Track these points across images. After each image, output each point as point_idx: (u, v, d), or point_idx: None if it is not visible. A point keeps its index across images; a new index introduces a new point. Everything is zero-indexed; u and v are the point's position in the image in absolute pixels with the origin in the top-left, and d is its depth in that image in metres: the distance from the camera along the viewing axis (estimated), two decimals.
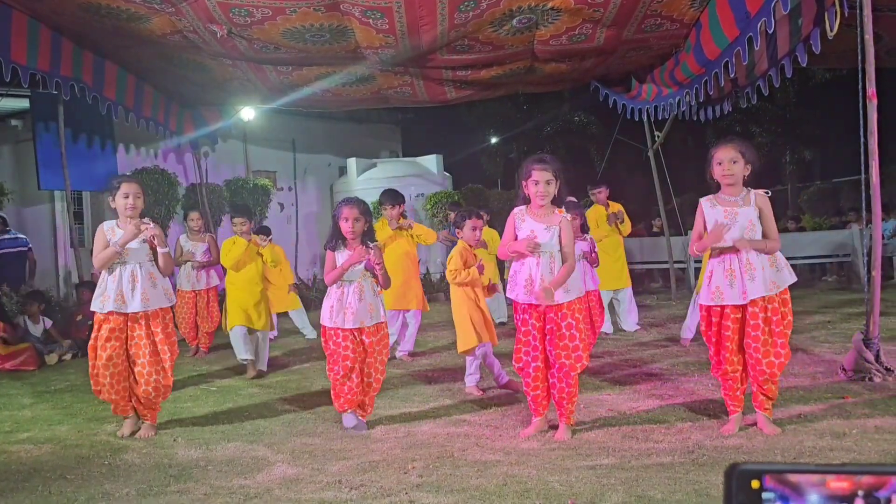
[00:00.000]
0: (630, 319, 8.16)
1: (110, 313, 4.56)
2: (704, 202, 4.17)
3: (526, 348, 4.25)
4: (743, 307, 4.03)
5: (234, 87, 9.09)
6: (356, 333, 4.55)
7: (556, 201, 4.25)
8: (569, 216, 4.33)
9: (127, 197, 4.65)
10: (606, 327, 7.91)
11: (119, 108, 8.45)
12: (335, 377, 4.55)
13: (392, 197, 6.99)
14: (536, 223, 4.19)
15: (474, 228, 5.46)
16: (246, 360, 6.56)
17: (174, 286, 7.74)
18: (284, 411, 5.20)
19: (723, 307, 4.06)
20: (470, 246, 5.49)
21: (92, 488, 3.65)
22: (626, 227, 8.17)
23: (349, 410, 4.61)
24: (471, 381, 5.52)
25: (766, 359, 3.99)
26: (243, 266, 6.59)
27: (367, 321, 4.53)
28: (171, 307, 4.85)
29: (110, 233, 4.66)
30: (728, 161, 4.04)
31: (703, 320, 4.19)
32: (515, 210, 4.31)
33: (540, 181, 4.16)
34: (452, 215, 9.76)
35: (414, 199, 13.77)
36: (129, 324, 4.61)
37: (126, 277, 4.57)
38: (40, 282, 10.25)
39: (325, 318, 4.60)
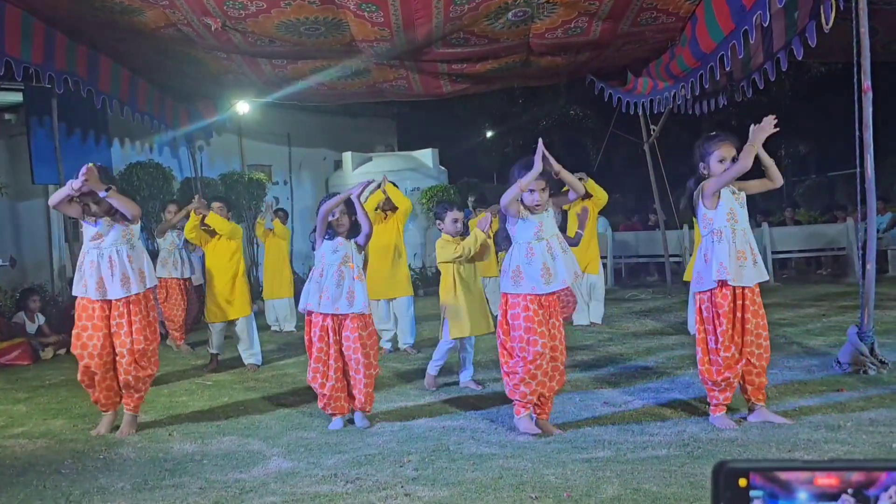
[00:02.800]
0: (594, 310, 8.08)
1: (91, 301, 4.50)
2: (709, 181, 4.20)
3: (542, 339, 4.06)
4: (740, 295, 4.07)
5: (228, 80, 9.06)
6: (333, 321, 4.48)
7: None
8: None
9: None
10: (581, 319, 7.95)
11: (114, 102, 8.40)
12: (311, 372, 4.53)
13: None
14: (533, 216, 4.18)
15: (455, 220, 5.45)
16: (214, 353, 6.78)
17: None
18: (280, 405, 5.20)
19: (738, 290, 4.06)
20: (451, 237, 5.47)
21: (87, 482, 3.65)
22: (595, 192, 7.67)
23: (337, 416, 4.53)
24: (434, 368, 5.54)
25: (767, 343, 4.14)
26: (200, 243, 6.76)
27: (342, 308, 4.45)
28: (154, 290, 4.80)
29: (88, 223, 4.60)
30: (730, 158, 4.09)
31: (704, 310, 4.14)
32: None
33: (535, 189, 4.13)
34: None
35: (410, 194, 13.75)
36: (110, 311, 4.56)
37: (104, 265, 4.50)
38: (35, 276, 10.22)
39: (301, 301, 4.57)
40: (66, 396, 5.77)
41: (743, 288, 4.06)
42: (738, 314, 4.08)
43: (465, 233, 5.48)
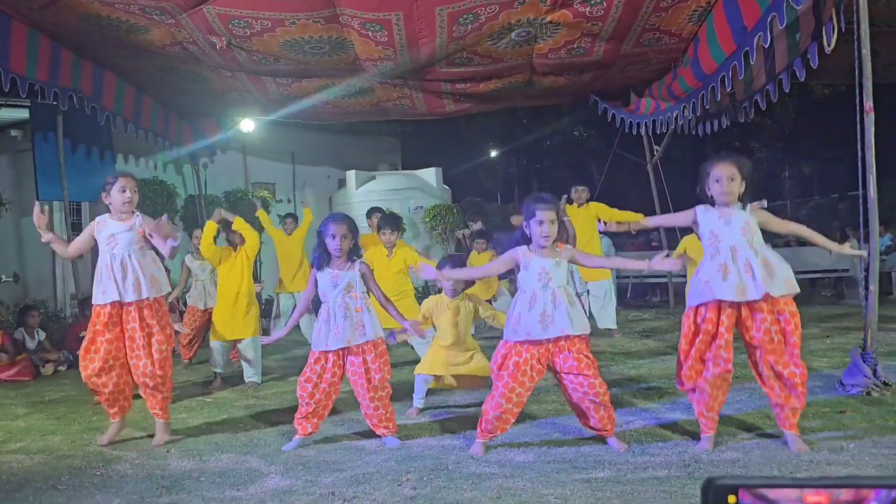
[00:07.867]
0: (605, 315, 8.01)
1: (103, 306, 4.54)
2: (699, 208, 4.09)
3: (521, 389, 4.03)
4: (739, 311, 3.94)
5: (233, 98, 9.11)
6: (341, 354, 4.43)
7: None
8: (569, 246, 4.23)
9: (124, 191, 4.65)
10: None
11: (118, 119, 8.45)
12: (300, 395, 4.46)
13: (392, 222, 6.83)
14: (545, 259, 4.05)
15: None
16: (217, 372, 6.69)
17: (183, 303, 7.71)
18: (279, 423, 5.16)
19: (719, 306, 3.93)
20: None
21: (83, 499, 3.63)
22: (612, 216, 7.69)
23: (298, 435, 4.48)
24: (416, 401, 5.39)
25: (787, 369, 3.88)
26: (216, 262, 6.72)
27: (354, 340, 4.37)
28: (166, 296, 4.86)
29: (101, 224, 4.66)
30: (727, 178, 3.94)
31: (686, 324, 4.05)
32: (518, 249, 4.12)
33: (545, 221, 4.00)
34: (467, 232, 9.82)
35: (413, 212, 13.78)
36: (123, 315, 4.58)
37: (117, 267, 4.54)
38: (37, 292, 10.23)
39: (314, 344, 4.49)
40: (65, 412, 5.76)
41: (731, 303, 3.90)
42: (722, 329, 3.94)
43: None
